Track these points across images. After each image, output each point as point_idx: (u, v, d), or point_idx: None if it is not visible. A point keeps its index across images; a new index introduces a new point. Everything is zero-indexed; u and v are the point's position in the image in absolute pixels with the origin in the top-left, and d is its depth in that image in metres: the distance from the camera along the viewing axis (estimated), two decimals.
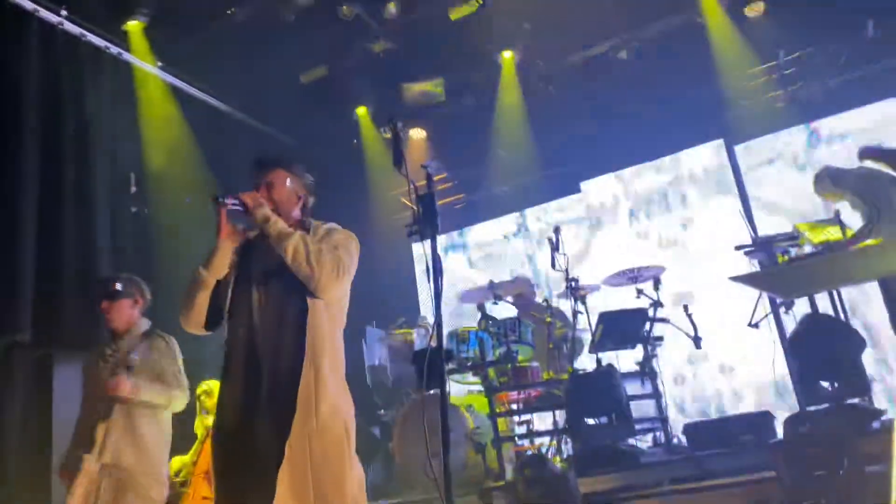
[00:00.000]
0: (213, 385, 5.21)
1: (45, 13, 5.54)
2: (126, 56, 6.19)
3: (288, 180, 2.79)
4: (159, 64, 6.49)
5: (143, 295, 3.82)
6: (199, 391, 5.24)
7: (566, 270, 5.43)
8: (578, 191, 8.17)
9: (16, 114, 5.22)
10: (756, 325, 5.37)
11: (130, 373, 3.51)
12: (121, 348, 3.64)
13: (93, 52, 5.94)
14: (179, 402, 3.65)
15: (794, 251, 4.96)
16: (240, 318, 2.63)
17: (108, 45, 6.04)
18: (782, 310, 5.17)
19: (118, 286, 3.72)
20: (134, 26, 5.76)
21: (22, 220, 5.05)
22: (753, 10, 6.74)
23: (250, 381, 2.50)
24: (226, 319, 2.66)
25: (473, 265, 8.58)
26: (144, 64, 6.33)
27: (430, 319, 5.55)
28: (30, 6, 5.43)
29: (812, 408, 4.20)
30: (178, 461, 5.18)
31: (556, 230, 5.47)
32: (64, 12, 5.65)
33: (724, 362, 6.87)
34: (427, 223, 2.66)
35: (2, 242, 4.90)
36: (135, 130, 6.20)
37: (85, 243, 5.42)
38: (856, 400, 4.10)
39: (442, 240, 4.81)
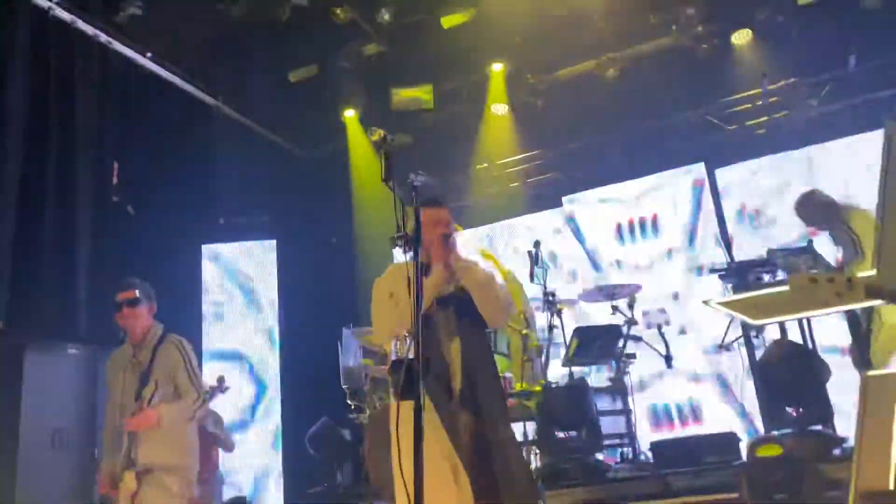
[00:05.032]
0: None
1: None
2: (116, 45, 6.16)
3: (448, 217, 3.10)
4: (149, 55, 6.46)
5: (153, 299, 3.78)
6: None
7: (544, 284, 5.49)
8: (560, 205, 8.22)
9: (2, 92, 5.20)
10: (727, 348, 5.50)
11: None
12: (140, 359, 3.63)
13: (83, 38, 5.91)
14: (194, 407, 3.61)
15: (766, 276, 5.09)
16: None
17: (98, 33, 6.01)
18: (752, 334, 5.30)
19: (137, 293, 3.67)
20: (126, 16, 5.74)
21: (1, 204, 5.01)
22: (740, 39, 6.87)
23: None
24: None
25: None
26: (135, 54, 6.30)
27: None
28: None
29: (776, 432, 4.31)
30: None
31: (536, 244, 5.52)
32: None
33: (693, 381, 6.96)
34: (411, 237, 2.72)
35: None
36: (121, 119, 6.17)
37: (65, 231, 5.39)
38: (819, 427, 4.23)
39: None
